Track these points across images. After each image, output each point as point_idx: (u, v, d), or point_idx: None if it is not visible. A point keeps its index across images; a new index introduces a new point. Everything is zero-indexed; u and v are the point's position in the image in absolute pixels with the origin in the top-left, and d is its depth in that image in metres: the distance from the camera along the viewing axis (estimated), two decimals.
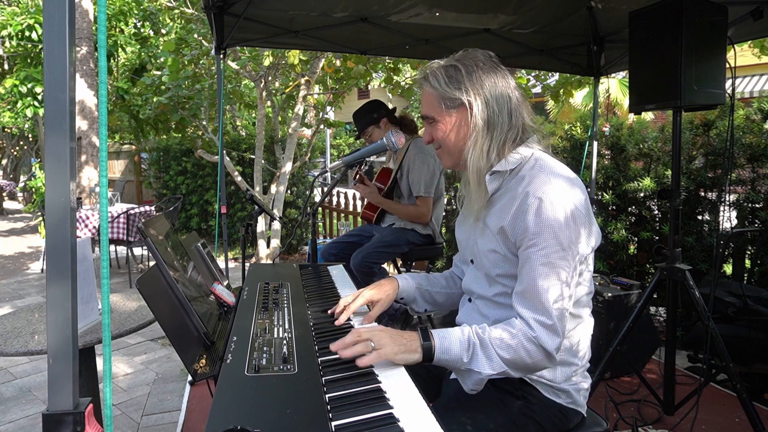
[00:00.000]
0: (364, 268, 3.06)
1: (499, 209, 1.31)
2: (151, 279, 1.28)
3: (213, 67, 6.23)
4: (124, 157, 13.78)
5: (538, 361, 1.21)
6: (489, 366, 1.19)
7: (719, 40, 2.23)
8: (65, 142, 1.00)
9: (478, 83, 1.32)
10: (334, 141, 21.21)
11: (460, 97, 1.32)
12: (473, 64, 1.33)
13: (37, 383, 3.40)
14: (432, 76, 1.35)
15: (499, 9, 3.31)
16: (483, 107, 1.31)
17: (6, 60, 9.20)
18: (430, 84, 1.36)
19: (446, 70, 1.34)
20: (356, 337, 1.16)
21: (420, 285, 1.58)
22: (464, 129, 1.34)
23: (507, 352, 1.19)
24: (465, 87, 1.31)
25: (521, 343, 1.19)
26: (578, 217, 1.22)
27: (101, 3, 1.08)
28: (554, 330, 1.20)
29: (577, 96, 11.27)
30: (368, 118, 3.25)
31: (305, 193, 7.78)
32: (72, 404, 1.02)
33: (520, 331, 1.20)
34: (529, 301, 1.21)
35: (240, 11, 3.21)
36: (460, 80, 1.32)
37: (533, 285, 1.21)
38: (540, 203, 1.20)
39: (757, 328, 2.77)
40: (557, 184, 1.23)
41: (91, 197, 6.73)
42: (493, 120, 1.31)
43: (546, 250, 1.20)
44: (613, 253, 4.13)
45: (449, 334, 1.22)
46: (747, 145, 3.57)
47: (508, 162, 1.32)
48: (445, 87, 1.33)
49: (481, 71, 1.32)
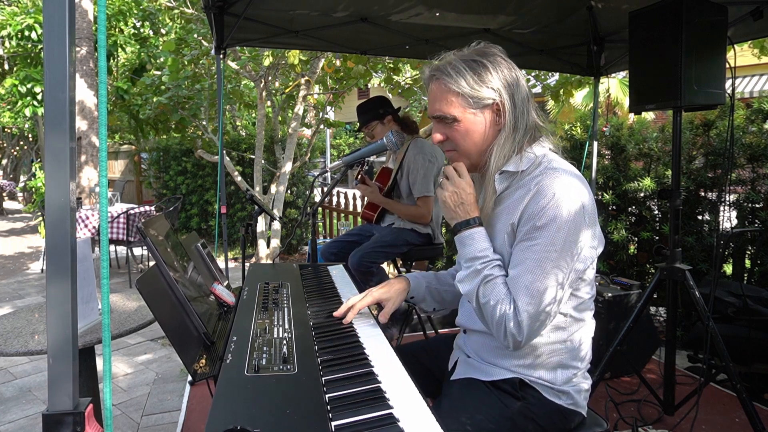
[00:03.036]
0: (361, 267, 3.06)
1: (507, 208, 1.29)
2: (151, 279, 1.28)
3: (213, 67, 6.23)
4: (123, 157, 13.78)
5: (493, 329, 1.23)
6: (468, 287, 1.27)
7: (719, 40, 2.23)
8: (65, 142, 1.00)
9: (505, 80, 1.25)
10: (334, 141, 21.21)
11: (491, 95, 1.25)
12: (494, 60, 1.27)
13: (37, 383, 3.40)
14: (454, 72, 1.25)
15: (499, 9, 3.31)
16: (512, 107, 1.26)
17: (6, 60, 9.20)
18: (452, 79, 1.25)
19: (469, 65, 1.25)
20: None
21: (430, 284, 1.56)
22: (491, 130, 1.28)
23: (485, 299, 1.23)
24: (495, 84, 1.25)
25: (497, 306, 1.21)
26: (585, 218, 1.21)
27: (101, 3, 1.08)
28: (519, 323, 1.18)
29: (577, 96, 11.25)
30: (374, 112, 3.24)
31: (305, 193, 7.78)
32: (72, 404, 1.02)
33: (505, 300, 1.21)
34: (515, 288, 1.21)
35: (240, 11, 3.21)
36: (488, 77, 1.24)
37: (522, 278, 1.20)
38: (549, 201, 1.19)
39: (757, 328, 2.77)
40: (567, 183, 1.21)
41: (91, 197, 6.73)
42: (519, 120, 1.27)
43: (546, 247, 1.19)
44: (613, 253, 4.14)
45: (477, 239, 1.28)
46: (747, 145, 3.57)
47: (522, 162, 1.28)
48: (473, 84, 1.24)
49: (504, 67, 1.27)
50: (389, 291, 1.47)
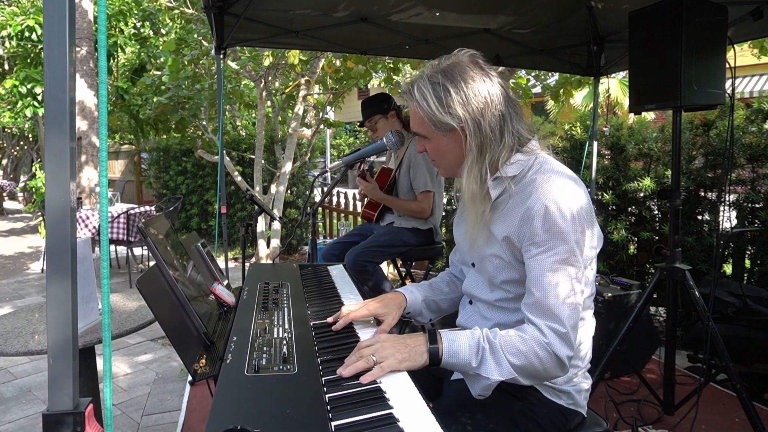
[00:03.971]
0: (357, 266, 3.06)
1: (503, 215, 1.28)
2: (151, 279, 1.28)
3: (213, 67, 6.23)
4: (124, 157, 13.79)
5: (549, 368, 1.17)
6: (498, 372, 1.14)
7: (719, 40, 2.22)
8: (65, 142, 1.00)
9: (468, 104, 1.22)
10: (334, 141, 21.21)
11: (451, 123, 1.23)
12: (461, 78, 1.23)
13: (37, 383, 3.40)
14: (419, 95, 1.25)
15: (499, 9, 3.31)
16: (476, 132, 1.23)
17: (6, 60, 9.20)
18: (417, 103, 1.26)
19: (434, 88, 1.24)
20: (358, 355, 1.13)
21: (426, 297, 1.54)
22: (458, 150, 1.28)
23: (517, 359, 1.15)
24: (455, 111, 1.22)
25: (533, 350, 1.15)
26: (583, 221, 1.21)
27: (101, 3, 1.08)
28: (567, 339, 1.16)
29: (577, 96, 11.26)
30: (378, 106, 3.25)
31: (305, 193, 7.78)
32: (72, 404, 1.02)
33: (532, 337, 1.16)
34: (541, 310, 1.18)
35: (240, 11, 3.21)
36: (449, 103, 1.22)
37: (544, 294, 1.17)
38: (546, 210, 1.17)
39: (757, 328, 2.77)
40: (563, 188, 1.20)
41: (91, 197, 6.73)
42: (486, 144, 1.24)
43: (555, 257, 1.17)
44: (613, 253, 4.14)
45: (458, 337, 1.18)
46: (747, 145, 3.57)
47: (509, 168, 1.27)
48: (435, 110, 1.23)
49: (470, 87, 1.23)
50: (386, 306, 1.42)
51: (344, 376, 1.08)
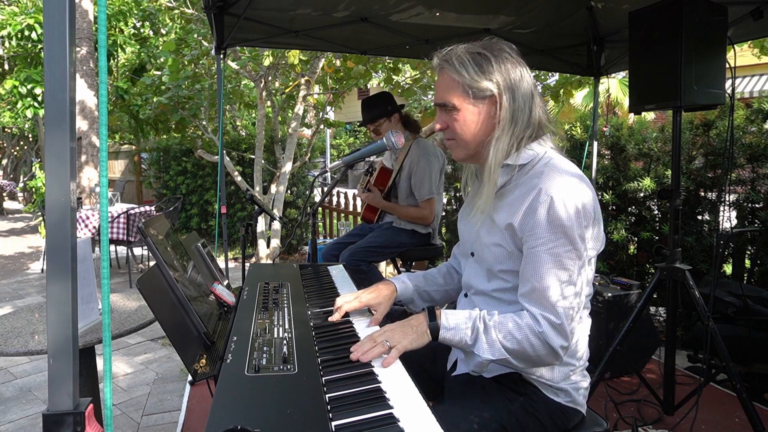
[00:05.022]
0: (351, 265, 3.05)
1: (508, 204, 1.29)
2: (151, 279, 1.28)
3: (213, 67, 6.23)
4: (124, 157, 13.79)
5: (542, 356, 1.20)
6: (489, 352, 1.21)
7: (719, 40, 2.22)
8: (65, 142, 1.00)
9: (507, 75, 1.26)
10: (334, 141, 21.20)
11: (490, 87, 1.26)
12: (501, 54, 1.28)
13: (37, 383, 3.40)
14: (457, 62, 1.27)
15: (499, 9, 3.31)
16: (511, 100, 1.26)
17: (6, 60, 9.20)
18: (454, 69, 1.27)
19: (474, 57, 1.27)
20: (372, 342, 1.19)
21: (418, 287, 1.57)
22: (488, 122, 1.29)
23: (510, 343, 1.20)
24: (495, 78, 1.26)
25: (526, 337, 1.19)
26: (587, 217, 1.22)
27: (101, 3, 1.08)
28: (562, 330, 1.19)
29: (577, 96, 11.26)
30: (382, 108, 3.22)
31: (305, 193, 7.78)
32: (72, 404, 1.02)
33: (527, 324, 1.20)
34: (537, 300, 1.21)
35: (240, 11, 3.21)
36: (490, 70, 1.25)
37: (540, 284, 1.20)
38: (552, 201, 1.19)
39: (757, 328, 2.77)
40: (569, 183, 1.22)
41: (91, 197, 6.73)
42: (517, 116, 1.27)
43: (555, 249, 1.19)
44: (613, 253, 4.14)
45: (455, 315, 1.25)
46: (747, 145, 3.57)
47: (520, 157, 1.29)
48: (474, 75, 1.25)
49: (509, 63, 1.27)
50: (378, 297, 1.47)
51: (362, 360, 1.15)
